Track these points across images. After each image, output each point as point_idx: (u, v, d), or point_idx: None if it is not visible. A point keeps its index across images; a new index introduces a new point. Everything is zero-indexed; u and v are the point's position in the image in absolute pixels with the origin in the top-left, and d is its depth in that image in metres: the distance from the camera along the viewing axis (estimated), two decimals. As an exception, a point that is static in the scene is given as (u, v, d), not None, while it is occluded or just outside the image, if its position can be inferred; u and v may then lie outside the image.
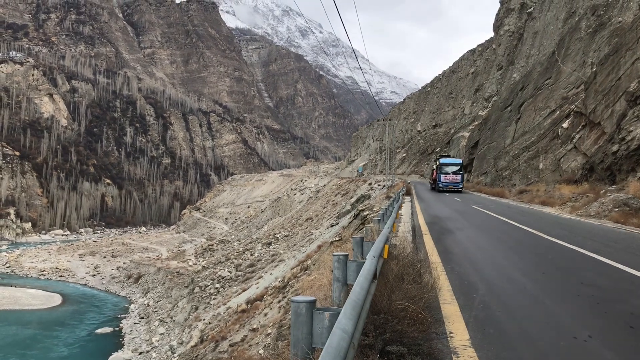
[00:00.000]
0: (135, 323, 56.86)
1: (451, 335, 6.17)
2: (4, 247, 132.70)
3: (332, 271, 6.72)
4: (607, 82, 32.32)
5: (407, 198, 37.24)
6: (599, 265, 11.00)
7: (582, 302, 7.89)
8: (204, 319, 41.19)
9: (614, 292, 8.59)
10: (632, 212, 20.65)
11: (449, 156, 66.19)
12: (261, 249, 62.04)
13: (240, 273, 52.98)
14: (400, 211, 23.82)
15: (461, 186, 51.49)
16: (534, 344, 5.95)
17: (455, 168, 51.91)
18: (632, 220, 19.47)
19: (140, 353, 45.81)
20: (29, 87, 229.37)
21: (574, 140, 36.14)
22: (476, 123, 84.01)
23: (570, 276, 9.87)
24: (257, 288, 38.37)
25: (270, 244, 64.03)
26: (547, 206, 28.87)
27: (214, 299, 48.69)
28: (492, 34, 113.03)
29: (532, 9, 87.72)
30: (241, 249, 69.07)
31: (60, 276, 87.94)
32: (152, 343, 47.25)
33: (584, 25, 48.49)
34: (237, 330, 26.96)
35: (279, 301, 25.49)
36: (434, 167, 58.51)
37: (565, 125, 39.98)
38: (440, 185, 51.15)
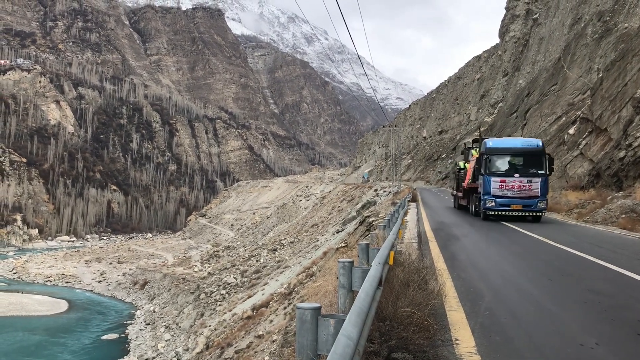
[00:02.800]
0: (141, 329, 56.86)
1: (457, 342, 6.15)
2: (11, 253, 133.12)
3: (337, 278, 6.72)
4: (613, 88, 32.24)
5: (413, 204, 37.14)
6: (606, 272, 10.95)
7: (588, 309, 7.85)
8: (210, 326, 41.17)
9: (621, 299, 8.55)
10: (639, 218, 20.55)
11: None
12: (267, 255, 61.97)
13: (245, 279, 52.94)
14: (405, 217, 23.77)
15: (543, 207, 23.67)
16: (540, 351, 5.93)
17: (523, 161, 24.24)
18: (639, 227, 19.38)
19: (146, 359, 45.81)
20: (36, 94, 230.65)
21: (581, 146, 36.03)
22: (482, 129, 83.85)
23: (576, 283, 9.83)
24: (262, 294, 38.33)
25: (275, 250, 63.96)
26: (553, 212, 28.74)
27: (219, 305, 48.64)
28: (497, 41, 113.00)
29: (537, 15, 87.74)
30: (247, 255, 69.05)
31: (67, 282, 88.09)
32: (158, 349, 47.22)
33: (590, 31, 48.42)
34: (243, 337, 26.93)
35: (285, 308, 25.47)
36: (462, 165, 34.13)
37: (571, 131, 39.88)
38: (491, 205, 23.83)
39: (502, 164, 24.29)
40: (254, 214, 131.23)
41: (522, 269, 11.55)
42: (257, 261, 61.21)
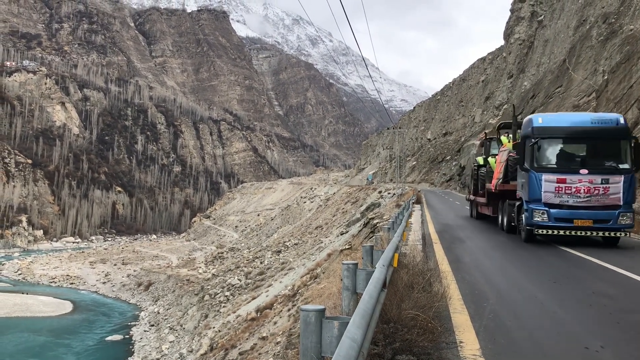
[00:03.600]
0: (145, 331, 56.95)
1: (461, 344, 6.13)
2: (16, 254, 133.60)
3: (341, 280, 6.71)
4: (618, 90, 32.15)
5: (417, 206, 37.07)
6: (611, 274, 10.90)
7: (594, 312, 7.82)
8: (214, 327, 41.17)
9: (627, 302, 8.51)
10: (644, 221, 20.43)
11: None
12: (271, 257, 61.98)
13: (250, 281, 52.95)
14: (410, 219, 23.75)
15: (628, 224, 15.06)
16: (545, 354, 5.91)
17: (594, 148, 15.58)
18: (645, 229, 19.27)
19: (150, 361, 45.85)
20: (41, 95, 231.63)
21: (586, 148, 35.88)
22: (487, 131, 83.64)
23: (581, 285, 9.79)
24: (266, 296, 38.31)
25: (280, 252, 63.96)
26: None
27: (223, 306, 48.66)
28: (502, 42, 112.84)
29: (542, 17, 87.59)
30: (251, 257, 69.07)
31: (71, 283, 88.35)
32: (162, 351, 47.26)
33: (595, 33, 48.32)
34: (247, 339, 26.93)
35: (289, 309, 25.43)
36: (480, 161, 26.39)
37: (576, 133, 39.71)
38: (541, 219, 15.28)
39: (559, 152, 15.73)
40: (258, 215, 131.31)
41: (526, 271, 11.51)
42: (261, 263, 61.24)
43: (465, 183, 69.77)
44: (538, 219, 15.28)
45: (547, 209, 15.18)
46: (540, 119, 16.13)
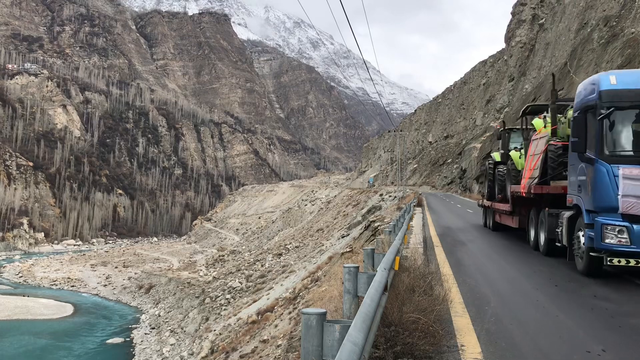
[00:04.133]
0: (146, 333, 56.90)
1: (462, 348, 6.13)
2: (17, 257, 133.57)
3: (342, 283, 6.71)
4: (619, 93, 32.10)
5: (419, 209, 37.03)
6: (613, 277, 10.88)
7: (595, 315, 7.81)
8: (215, 330, 41.15)
9: (629, 306, 8.49)
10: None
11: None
12: (272, 260, 61.99)
13: (250, 284, 52.95)
14: (411, 222, 23.73)
15: None
16: (546, 358, 5.90)
17: None
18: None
19: (151, 364, 45.81)
20: (43, 98, 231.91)
21: (587, 151, 35.81)
22: (488, 134, 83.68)
23: (583, 289, 9.78)
24: (267, 299, 38.29)
25: (280, 254, 63.96)
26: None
27: (224, 309, 48.65)
28: (503, 45, 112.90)
29: (543, 20, 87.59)
30: (252, 260, 69.09)
31: (72, 286, 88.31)
32: (163, 354, 47.24)
33: (596, 37, 48.31)
34: (248, 342, 26.91)
35: (290, 312, 25.41)
36: (497, 157, 21.75)
37: (577, 136, 39.65)
38: (619, 242, 9.58)
39: None
40: (259, 218, 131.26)
41: (528, 275, 11.49)
42: (262, 266, 61.26)
43: (466, 186, 69.72)
44: (612, 241, 9.74)
45: (628, 223, 9.66)
46: (613, 78, 10.28)
